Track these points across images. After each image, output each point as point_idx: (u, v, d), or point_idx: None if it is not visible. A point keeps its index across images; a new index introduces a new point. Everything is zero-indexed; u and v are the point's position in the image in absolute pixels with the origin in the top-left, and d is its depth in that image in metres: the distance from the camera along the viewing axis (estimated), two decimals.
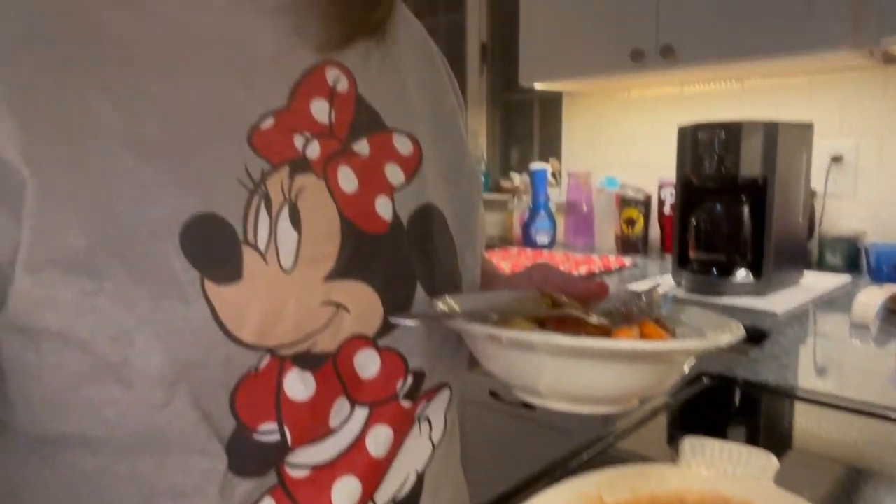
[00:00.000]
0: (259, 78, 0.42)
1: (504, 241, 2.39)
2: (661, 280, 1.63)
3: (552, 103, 2.44)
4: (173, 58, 0.39)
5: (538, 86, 2.09)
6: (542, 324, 0.44)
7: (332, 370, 0.43)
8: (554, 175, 2.38)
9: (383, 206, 0.46)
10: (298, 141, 0.43)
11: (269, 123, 0.42)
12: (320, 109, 0.45)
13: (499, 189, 2.59)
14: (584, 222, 2.21)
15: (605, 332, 0.43)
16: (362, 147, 0.46)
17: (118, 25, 0.38)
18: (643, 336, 0.43)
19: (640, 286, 1.56)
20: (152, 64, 0.38)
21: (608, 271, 1.78)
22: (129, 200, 0.35)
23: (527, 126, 2.65)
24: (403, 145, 0.50)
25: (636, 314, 0.46)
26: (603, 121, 2.25)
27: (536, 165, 2.22)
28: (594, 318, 0.43)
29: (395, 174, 0.48)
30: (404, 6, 0.57)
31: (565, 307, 0.46)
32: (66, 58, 0.36)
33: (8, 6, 0.35)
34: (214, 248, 0.37)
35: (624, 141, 2.20)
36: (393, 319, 0.42)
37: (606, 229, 2.17)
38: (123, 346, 0.35)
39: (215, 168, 0.38)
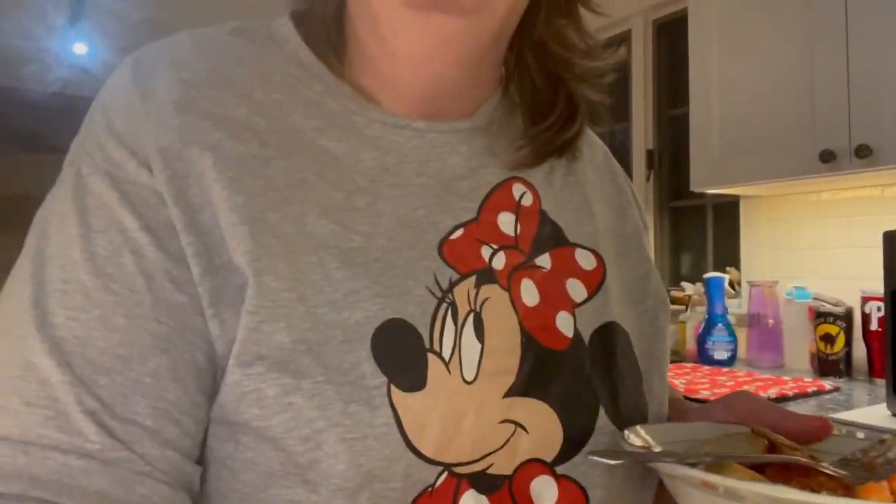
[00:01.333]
0: (451, 194, 0.45)
1: (676, 356, 2.22)
2: (874, 410, 1.39)
3: (727, 208, 2.30)
4: (377, 175, 0.43)
5: (712, 191, 1.99)
6: (759, 469, 0.37)
7: (507, 495, 0.40)
8: (731, 285, 2.21)
9: (564, 322, 0.45)
10: (485, 252, 0.44)
11: (458, 234, 0.44)
12: (507, 222, 0.46)
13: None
14: (770, 337, 1.99)
15: (845, 486, 0.35)
16: (544, 261, 0.46)
17: (332, 149, 0.43)
18: None
19: (847, 416, 1.35)
20: (359, 181, 0.43)
21: (804, 395, 1.57)
22: (330, 305, 0.38)
23: (699, 233, 2.51)
24: (586, 260, 0.49)
25: (881, 466, 0.37)
26: (789, 226, 2.07)
27: (712, 274, 2.07)
28: (828, 468, 0.36)
29: (576, 290, 0.47)
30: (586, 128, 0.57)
31: (784, 449, 0.39)
32: (290, 176, 0.41)
33: (248, 129, 0.41)
34: (402, 355, 0.39)
35: (815, 248, 2.00)
36: (593, 457, 0.38)
37: (798, 346, 1.93)
38: (313, 448, 0.36)
39: (408, 276, 0.41)
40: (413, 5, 0.40)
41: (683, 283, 2.40)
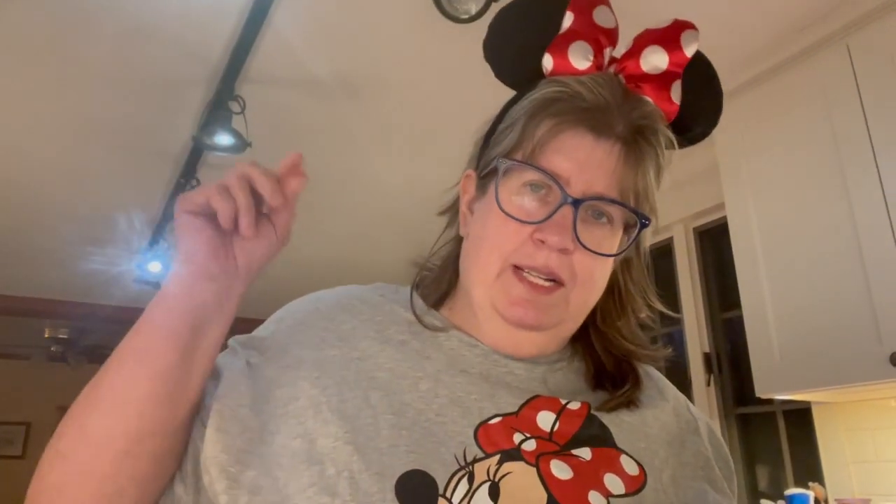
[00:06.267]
0: (502, 390, 0.55)
1: None
2: None
3: (799, 415, 2.15)
4: (444, 367, 0.56)
5: (778, 397, 1.87)
6: None
7: None
8: (818, 503, 1.98)
9: (596, 499, 0.50)
10: (517, 437, 0.52)
11: (496, 420, 0.53)
12: (545, 419, 0.54)
13: None
14: None
15: None
16: (583, 452, 0.53)
17: (412, 345, 0.57)
18: None
19: None
20: (428, 369, 0.55)
21: None
22: (375, 450, 0.49)
23: (772, 442, 2.32)
24: (629, 466, 0.54)
25: None
26: (873, 437, 1.90)
27: (794, 491, 1.87)
28: None
29: (614, 484, 0.51)
30: (658, 373, 0.67)
31: None
32: (365, 373, 0.55)
33: (348, 343, 0.57)
34: (419, 495, 0.48)
35: None
36: None
37: None
38: None
39: (441, 444, 0.50)
40: (502, 319, 0.56)
41: (764, 502, 2.17)
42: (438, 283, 0.64)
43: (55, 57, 1.91)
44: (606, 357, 0.62)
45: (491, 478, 0.49)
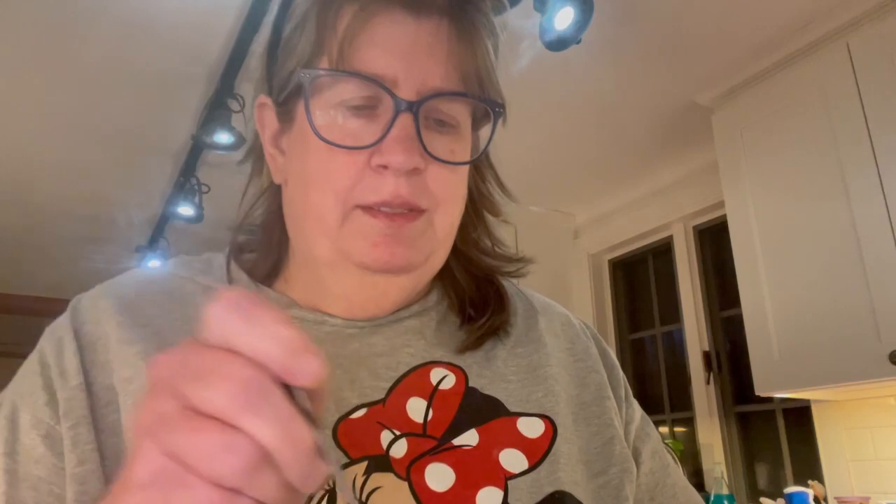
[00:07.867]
0: (364, 370, 0.45)
1: None
2: None
3: (799, 413, 2.15)
4: None
5: (777, 395, 1.87)
6: None
7: None
8: (817, 501, 1.98)
9: (488, 498, 0.42)
10: (385, 437, 0.43)
11: (360, 413, 0.44)
12: (416, 408, 0.45)
13: None
14: None
15: None
16: (468, 438, 0.44)
17: None
18: None
19: None
20: None
21: None
22: None
23: (772, 441, 2.32)
24: (531, 428, 0.47)
25: None
26: (872, 435, 1.90)
27: (794, 489, 1.88)
28: None
29: (514, 460, 0.44)
30: (543, 299, 0.59)
31: None
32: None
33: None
34: None
35: None
36: None
37: None
38: None
39: None
40: (364, 268, 0.44)
41: (763, 500, 2.17)
42: (267, 248, 0.50)
43: (55, 56, 1.91)
44: (468, 281, 0.53)
45: (358, 496, 0.40)
